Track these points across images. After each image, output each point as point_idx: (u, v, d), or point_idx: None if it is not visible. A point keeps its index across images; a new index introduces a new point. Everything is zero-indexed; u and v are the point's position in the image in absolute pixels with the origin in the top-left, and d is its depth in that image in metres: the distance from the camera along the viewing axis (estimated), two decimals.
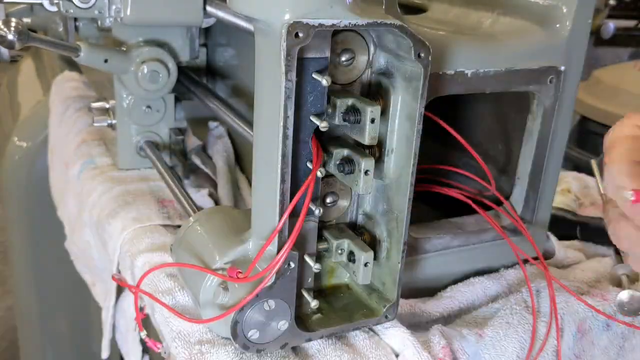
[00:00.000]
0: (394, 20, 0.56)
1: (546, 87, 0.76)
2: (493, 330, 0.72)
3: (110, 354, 0.99)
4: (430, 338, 0.68)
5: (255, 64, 0.58)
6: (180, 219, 0.90)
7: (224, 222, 0.68)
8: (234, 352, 0.63)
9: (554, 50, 0.76)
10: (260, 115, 0.59)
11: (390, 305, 0.66)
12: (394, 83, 0.61)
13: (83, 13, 0.90)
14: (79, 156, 1.08)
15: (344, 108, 0.60)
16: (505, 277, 0.83)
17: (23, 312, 1.58)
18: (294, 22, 0.52)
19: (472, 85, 0.73)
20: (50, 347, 1.57)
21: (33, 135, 1.42)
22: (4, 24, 0.77)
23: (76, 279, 1.14)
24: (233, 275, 0.58)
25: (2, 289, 2.62)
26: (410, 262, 0.78)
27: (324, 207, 0.66)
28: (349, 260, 0.65)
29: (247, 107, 1.02)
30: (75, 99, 1.28)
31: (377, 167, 0.61)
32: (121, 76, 0.97)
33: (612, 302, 0.77)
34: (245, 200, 0.98)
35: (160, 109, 1.02)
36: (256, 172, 0.61)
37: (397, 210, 0.64)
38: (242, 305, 0.58)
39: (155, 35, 0.98)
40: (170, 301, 0.72)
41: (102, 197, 0.95)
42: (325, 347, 0.66)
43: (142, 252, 0.81)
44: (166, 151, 1.04)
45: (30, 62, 1.82)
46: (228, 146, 1.08)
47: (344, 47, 0.60)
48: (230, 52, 1.11)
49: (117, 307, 0.93)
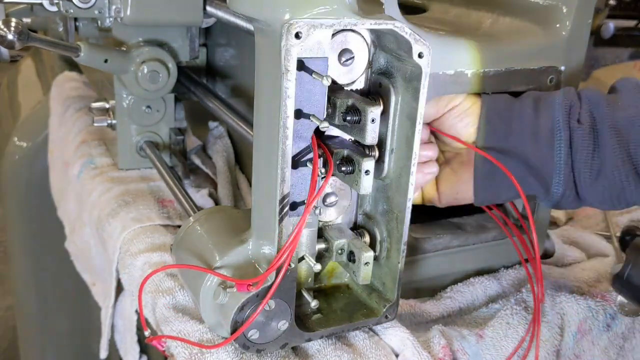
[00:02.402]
0: (394, 20, 0.56)
1: (546, 87, 0.76)
2: (493, 331, 0.72)
3: (110, 354, 0.99)
4: (430, 338, 0.68)
5: (255, 64, 0.58)
6: (180, 219, 0.90)
7: (224, 222, 0.68)
8: (234, 352, 0.63)
9: (554, 50, 0.76)
10: (260, 115, 0.59)
11: (390, 305, 0.66)
12: (394, 83, 0.61)
13: (83, 13, 0.90)
14: (79, 156, 1.08)
15: (344, 108, 0.60)
16: (505, 277, 0.83)
17: (23, 312, 1.58)
18: (294, 22, 0.52)
19: (472, 85, 0.73)
20: (50, 347, 1.57)
21: (33, 135, 1.43)
22: (4, 24, 0.77)
23: (76, 279, 1.14)
24: (244, 289, 0.58)
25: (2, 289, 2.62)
26: (410, 262, 0.78)
27: (324, 207, 0.66)
28: (349, 260, 0.65)
29: (247, 107, 1.02)
30: (75, 99, 1.28)
31: (377, 167, 0.61)
32: (121, 76, 0.96)
33: (613, 303, 0.77)
34: (245, 200, 0.98)
35: (160, 109, 1.02)
36: (256, 172, 0.61)
37: (397, 210, 0.64)
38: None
39: (155, 35, 0.98)
40: (171, 301, 0.72)
41: (102, 197, 0.95)
42: (325, 347, 0.66)
43: (142, 252, 0.81)
44: (166, 151, 1.04)
45: (30, 62, 1.82)
46: (228, 146, 1.08)
47: (344, 47, 0.60)
48: (230, 52, 1.11)
49: (116, 307, 0.93)
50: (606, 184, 0.67)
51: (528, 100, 0.71)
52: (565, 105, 0.68)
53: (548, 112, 0.69)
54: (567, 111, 0.68)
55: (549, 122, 0.68)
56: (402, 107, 0.61)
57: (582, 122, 0.67)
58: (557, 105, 0.68)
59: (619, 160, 0.66)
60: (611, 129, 0.66)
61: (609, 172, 0.66)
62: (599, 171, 0.67)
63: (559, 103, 0.68)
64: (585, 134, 0.67)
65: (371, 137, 0.59)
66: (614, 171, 0.66)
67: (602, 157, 0.66)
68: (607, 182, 0.66)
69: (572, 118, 0.68)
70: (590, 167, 0.67)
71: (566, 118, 0.67)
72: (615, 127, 0.66)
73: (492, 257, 0.84)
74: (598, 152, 0.66)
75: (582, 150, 0.67)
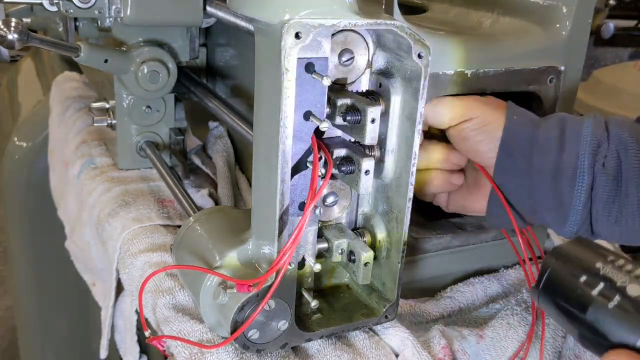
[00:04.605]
0: (394, 20, 0.56)
1: (546, 87, 0.76)
2: (493, 331, 0.72)
3: (109, 354, 0.99)
4: (430, 338, 0.68)
5: (255, 64, 0.58)
6: (180, 219, 0.90)
7: (224, 222, 0.68)
8: (234, 352, 0.63)
9: (554, 50, 0.76)
10: (260, 115, 0.59)
11: (390, 305, 0.66)
12: (394, 83, 0.61)
13: (83, 13, 0.90)
14: (79, 156, 1.08)
15: (344, 108, 0.60)
16: (505, 277, 0.83)
17: (23, 312, 1.58)
18: (294, 22, 0.52)
19: (472, 85, 0.73)
20: (50, 347, 1.57)
21: (33, 135, 1.43)
22: (4, 24, 0.77)
23: (76, 279, 1.14)
24: (245, 289, 0.58)
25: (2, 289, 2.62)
26: (410, 262, 0.78)
27: (324, 207, 0.66)
28: (349, 260, 0.65)
29: (247, 107, 1.02)
30: (75, 99, 1.28)
31: (377, 167, 0.61)
32: (121, 76, 0.96)
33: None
34: (245, 200, 0.98)
35: (160, 109, 1.02)
36: (256, 172, 0.61)
37: (397, 210, 0.64)
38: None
39: (155, 35, 0.98)
40: (171, 301, 0.71)
41: (102, 197, 0.95)
42: (325, 347, 0.66)
43: (142, 252, 0.81)
44: (166, 151, 1.04)
45: (30, 62, 1.82)
46: (228, 146, 1.08)
47: (344, 47, 0.60)
48: (230, 52, 1.11)
49: (116, 307, 0.93)
50: (623, 229, 0.65)
51: (554, 130, 0.67)
52: (593, 143, 0.65)
53: (573, 147, 0.65)
54: (594, 152, 0.65)
55: (573, 160, 0.65)
56: (402, 107, 0.61)
57: (607, 167, 0.64)
58: (584, 143, 0.65)
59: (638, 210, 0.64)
60: (636, 177, 0.64)
61: (629, 219, 0.64)
62: (617, 217, 0.65)
63: (585, 141, 0.65)
64: (609, 180, 0.64)
65: (371, 137, 0.59)
66: (634, 219, 0.64)
67: (622, 203, 0.64)
68: (624, 227, 0.65)
69: (597, 161, 0.65)
70: (609, 211, 0.65)
71: (592, 161, 0.64)
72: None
73: (492, 257, 0.84)
74: (619, 199, 0.64)
75: (603, 195, 0.64)
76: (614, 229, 0.66)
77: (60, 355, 1.57)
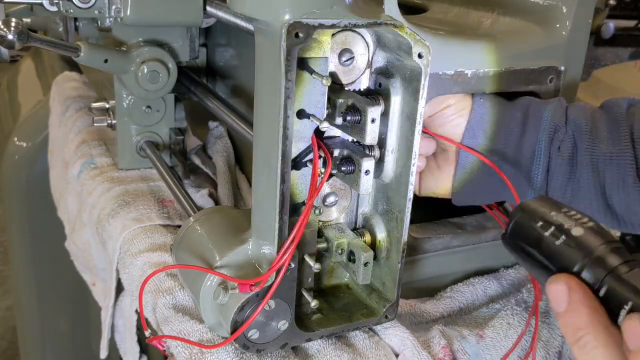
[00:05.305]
0: (394, 20, 0.56)
1: (546, 87, 0.76)
2: (494, 331, 0.72)
3: (109, 354, 0.99)
4: (430, 338, 0.68)
5: (255, 64, 0.58)
6: (180, 219, 0.90)
7: (224, 222, 0.68)
8: (234, 352, 0.63)
9: (554, 50, 0.76)
10: (260, 115, 0.59)
11: (390, 305, 0.66)
12: (394, 83, 0.61)
13: (83, 13, 0.90)
14: (79, 156, 1.08)
15: (344, 108, 0.60)
16: (505, 277, 0.83)
17: (23, 312, 1.58)
18: (294, 22, 0.52)
19: (472, 85, 0.73)
20: (50, 347, 1.57)
21: (33, 135, 1.42)
22: (4, 24, 0.77)
23: (76, 279, 1.14)
24: (247, 289, 0.58)
25: (2, 289, 2.62)
26: (410, 262, 0.78)
27: (324, 207, 0.66)
28: (349, 260, 0.65)
29: (247, 107, 1.02)
30: (75, 99, 1.28)
31: (377, 167, 0.61)
32: (121, 76, 0.96)
33: None
34: (245, 200, 0.98)
35: (160, 109, 1.02)
36: (256, 172, 0.61)
37: (397, 210, 0.64)
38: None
39: (155, 35, 0.98)
40: (171, 300, 0.72)
41: (102, 197, 0.95)
42: (325, 347, 0.66)
43: (142, 252, 0.81)
44: (166, 151, 1.04)
45: (30, 62, 1.82)
46: (228, 146, 1.08)
47: (344, 47, 0.60)
48: (230, 52, 1.11)
49: (116, 307, 0.93)
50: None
51: (517, 115, 0.72)
52: (550, 128, 0.69)
53: (533, 132, 0.70)
54: (551, 136, 0.69)
55: (532, 143, 0.70)
56: (402, 107, 0.61)
57: (562, 151, 0.69)
58: (543, 127, 0.70)
59: (592, 193, 0.68)
60: (588, 162, 0.68)
61: (581, 202, 0.69)
62: (570, 200, 0.69)
63: (544, 125, 0.70)
64: (564, 164, 0.69)
65: (371, 137, 0.59)
66: (587, 202, 0.68)
67: (575, 186, 0.68)
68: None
69: (553, 145, 0.69)
70: (562, 194, 0.70)
71: (548, 144, 0.69)
72: (592, 162, 0.67)
73: (492, 257, 0.84)
74: (572, 182, 0.69)
75: (558, 177, 0.69)
76: None
77: (60, 355, 1.57)
